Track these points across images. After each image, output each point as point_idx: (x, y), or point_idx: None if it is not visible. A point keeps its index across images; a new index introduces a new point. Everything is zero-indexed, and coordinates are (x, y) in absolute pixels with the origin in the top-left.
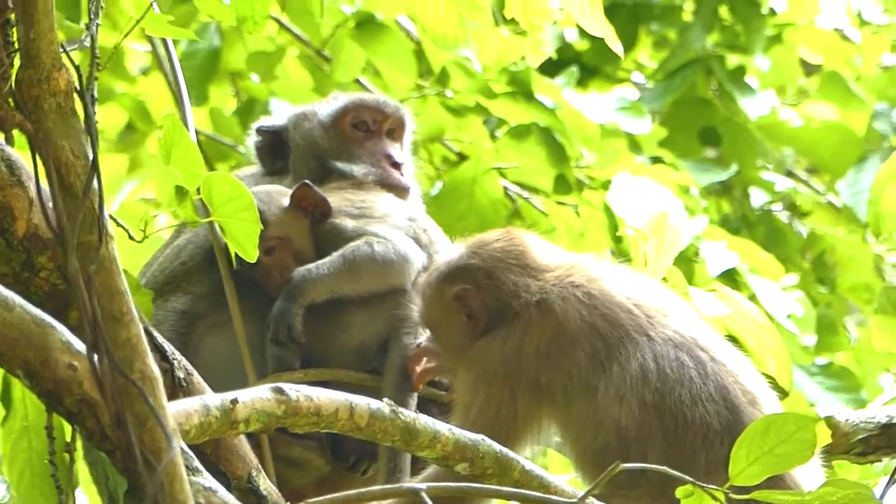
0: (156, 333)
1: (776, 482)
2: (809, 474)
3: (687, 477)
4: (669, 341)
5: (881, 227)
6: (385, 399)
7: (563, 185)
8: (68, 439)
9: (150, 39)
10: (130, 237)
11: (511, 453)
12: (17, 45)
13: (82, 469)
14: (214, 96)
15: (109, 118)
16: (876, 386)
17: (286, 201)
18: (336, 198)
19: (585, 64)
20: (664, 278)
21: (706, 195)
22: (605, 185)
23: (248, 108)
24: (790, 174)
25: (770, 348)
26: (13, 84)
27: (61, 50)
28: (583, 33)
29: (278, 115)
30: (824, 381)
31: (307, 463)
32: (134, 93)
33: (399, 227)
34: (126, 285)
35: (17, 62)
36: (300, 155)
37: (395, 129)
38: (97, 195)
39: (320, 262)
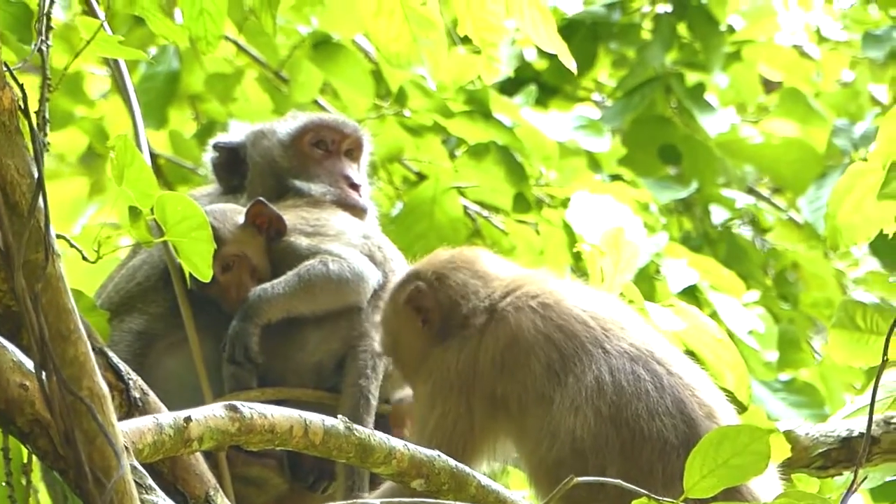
0: (110, 353)
1: (732, 494)
2: (767, 487)
3: (643, 490)
4: (625, 354)
5: (838, 241)
6: (339, 416)
7: (523, 203)
8: (25, 461)
9: (107, 62)
10: (84, 258)
11: (467, 469)
12: None
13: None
14: (174, 119)
15: (69, 142)
16: (840, 401)
17: (241, 219)
18: (291, 215)
19: (545, 83)
20: (621, 294)
21: (667, 213)
22: (565, 203)
23: (208, 131)
24: (751, 191)
25: (728, 362)
26: None
27: (5, 68)
28: (542, 52)
29: (236, 131)
30: (787, 397)
31: (265, 482)
32: (93, 116)
33: (354, 244)
34: (73, 303)
35: None
36: (258, 172)
37: (354, 150)
38: (43, 214)
39: (275, 281)
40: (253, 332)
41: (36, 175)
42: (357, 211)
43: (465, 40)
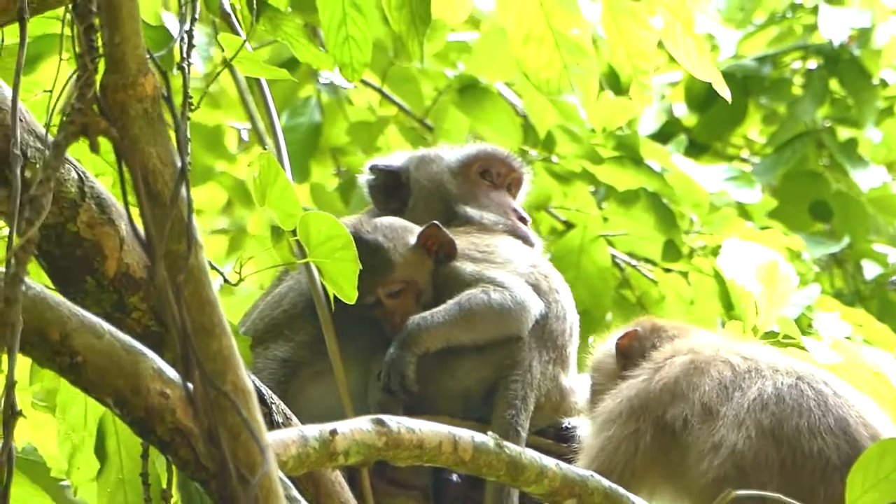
0: (252, 376)
1: None
2: None
3: None
4: (792, 373)
5: None
6: (489, 432)
7: (673, 251)
8: (165, 486)
9: (250, 116)
10: (225, 280)
11: (621, 489)
12: (101, 50)
13: None
14: (316, 172)
15: (210, 197)
16: None
17: (412, 239)
18: (461, 240)
19: (694, 140)
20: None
21: (819, 272)
22: (715, 252)
23: (350, 184)
24: None
25: (885, 398)
26: (97, 90)
27: (147, 55)
28: (692, 108)
29: (393, 157)
30: None
31: None
32: (233, 171)
33: (520, 273)
34: (216, 296)
35: (101, 67)
36: (424, 196)
37: (514, 186)
38: (185, 203)
39: (435, 310)
40: (410, 360)
41: (179, 164)
42: (528, 243)
43: (616, 87)
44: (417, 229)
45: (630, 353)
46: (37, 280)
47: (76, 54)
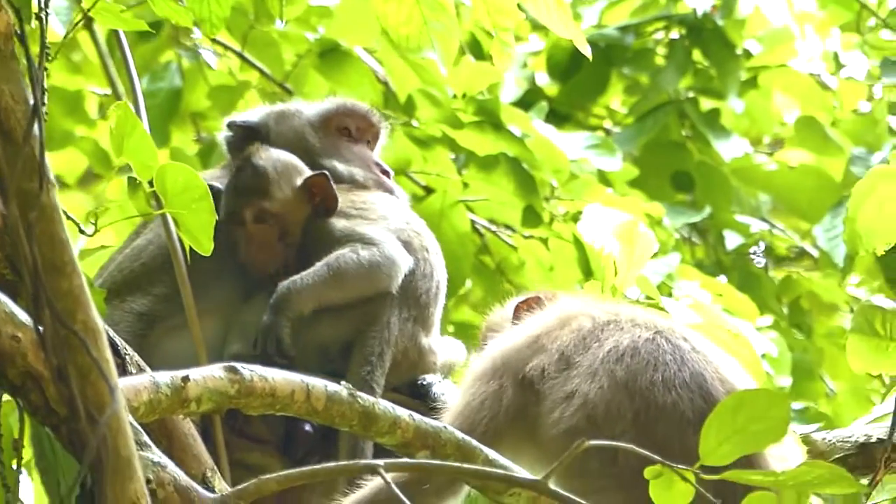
0: (107, 327)
1: (750, 463)
2: (787, 456)
3: (656, 457)
4: (652, 327)
5: (857, 246)
6: (343, 382)
7: (533, 217)
8: (16, 436)
9: (110, 79)
10: (81, 231)
11: (474, 441)
12: None
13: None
14: (176, 137)
15: (69, 163)
16: None
17: (299, 181)
18: (341, 198)
19: (556, 109)
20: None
21: (680, 242)
22: (576, 218)
23: (210, 149)
24: (765, 221)
25: (743, 358)
26: None
27: None
28: (553, 75)
29: (251, 112)
30: (801, 427)
31: (266, 468)
32: (93, 137)
33: (392, 229)
34: (68, 235)
35: None
36: (287, 150)
37: (373, 140)
38: (38, 142)
39: (304, 273)
40: (285, 325)
41: (31, 102)
42: (394, 195)
43: (477, 52)
44: (308, 173)
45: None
46: None
47: None
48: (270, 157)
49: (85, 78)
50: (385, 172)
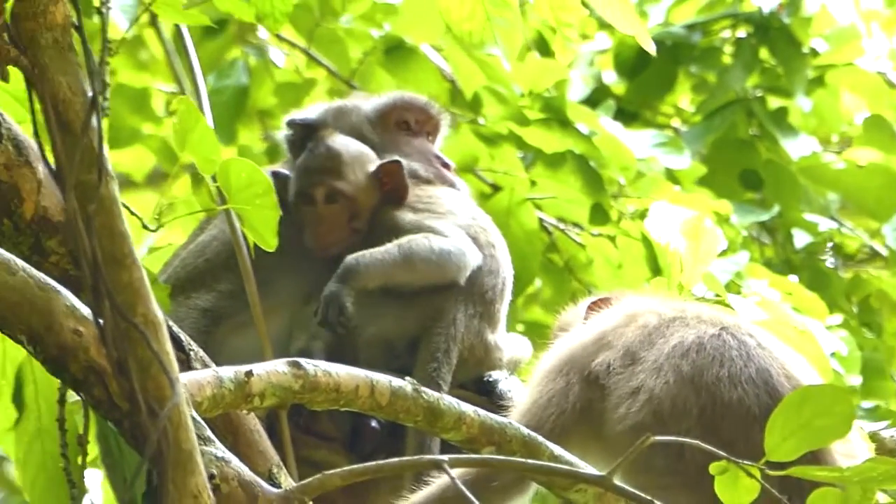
0: (171, 323)
1: (816, 459)
2: (854, 454)
3: (722, 453)
4: (718, 323)
5: None
6: (407, 378)
7: (600, 214)
8: (81, 431)
9: (176, 77)
10: (145, 226)
11: (539, 437)
12: None
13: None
14: (243, 135)
15: (136, 160)
16: None
17: (371, 167)
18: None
19: (624, 108)
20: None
21: (749, 241)
22: (643, 216)
23: (277, 148)
24: (834, 220)
25: (810, 355)
26: (7, 18)
27: None
28: (621, 74)
29: (309, 110)
30: (869, 424)
31: (332, 465)
32: (161, 134)
33: (460, 224)
34: (127, 228)
35: None
36: None
37: (432, 132)
38: (96, 133)
39: (374, 249)
40: (349, 293)
41: (90, 94)
42: (455, 188)
43: (543, 49)
44: (378, 161)
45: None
46: None
47: None
48: (343, 140)
49: (151, 75)
50: (445, 165)
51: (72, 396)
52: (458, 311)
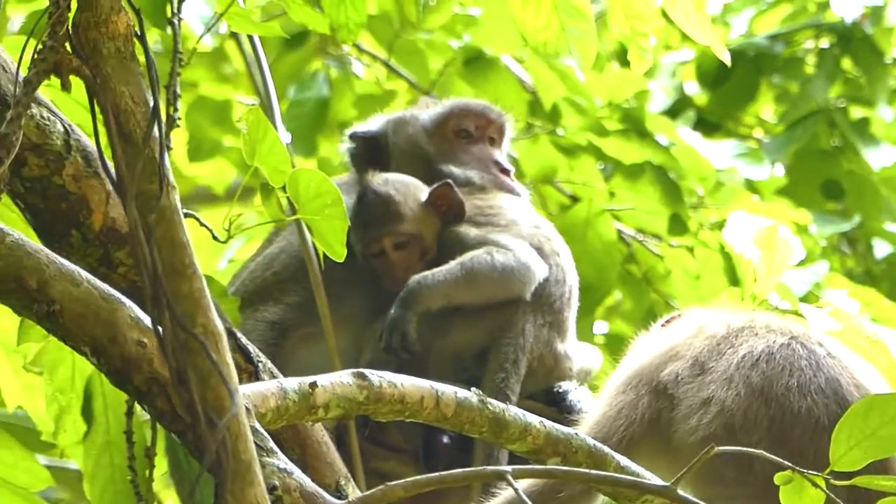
0: (239, 334)
1: (884, 469)
2: None
3: (788, 464)
4: (788, 332)
5: None
6: (473, 389)
7: (679, 225)
8: (149, 443)
9: (256, 88)
10: (214, 237)
11: (606, 448)
12: None
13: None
14: (324, 147)
15: (217, 173)
16: None
17: (423, 196)
18: (466, 203)
19: (706, 119)
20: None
21: (830, 251)
22: (721, 227)
23: None
24: None
25: (883, 365)
26: (69, 28)
27: None
28: (703, 84)
29: (371, 121)
30: None
31: (401, 477)
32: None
33: (523, 235)
34: (188, 238)
35: (73, 5)
36: (404, 160)
37: (496, 136)
38: (157, 143)
39: (437, 269)
40: (411, 319)
41: (151, 103)
42: (514, 195)
43: (623, 60)
44: (427, 188)
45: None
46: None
47: None
48: (388, 180)
49: (233, 88)
50: (504, 171)
51: (141, 410)
52: (527, 321)
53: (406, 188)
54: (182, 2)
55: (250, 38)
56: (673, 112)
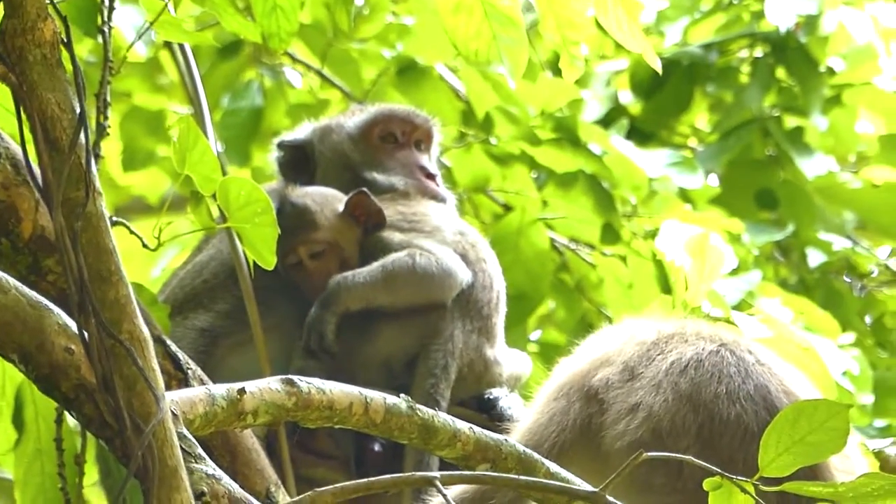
0: (169, 341)
1: (813, 475)
2: (854, 471)
3: (718, 470)
4: (717, 339)
5: None
6: (402, 395)
7: (611, 234)
8: (79, 451)
9: (189, 98)
10: (144, 245)
11: (535, 455)
12: None
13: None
14: (257, 156)
15: (151, 183)
16: None
17: (340, 206)
18: (388, 209)
19: (640, 128)
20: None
21: (763, 259)
22: (654, 235)
23: None
24: (850, 239)
25: (814, 373)
26: None
27: (47, 0)
28: (637, 94)
29: (299, 130)
30: (873, 441)
31: (332, 484)
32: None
33: (448, 241)
34: (114, 244)
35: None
36: (329, 168)
37: (424, 141)
38: (84, 150)
39: (358, 270)
40: (330, 320)
41: (78, 110)
42: (439, 200)
43: (555, 69)
44: (345, 198)
45: None
46: None
47: None
48: (306, 192)
49: (168, 98)
50: (430, 176)
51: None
52: (456, 327)
53: (323, 198)
54: (112, 10)
55: (182, 47)
56: (607, 121)
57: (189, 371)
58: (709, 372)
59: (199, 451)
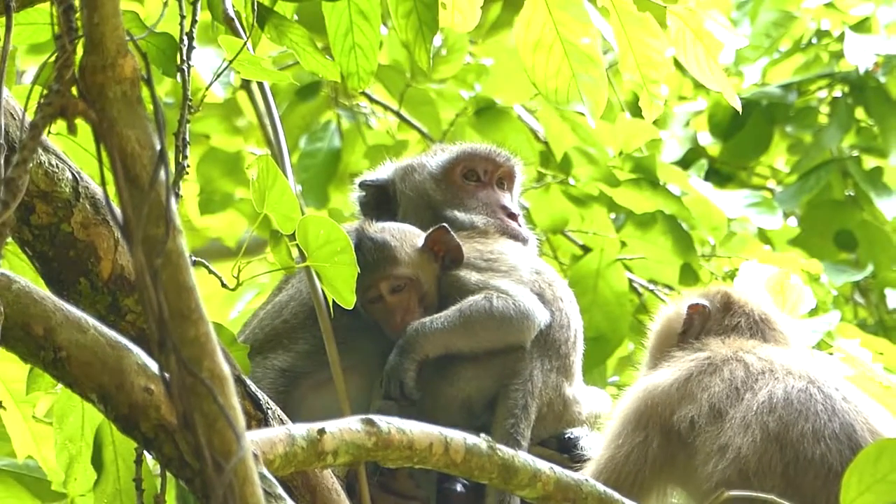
0: (249, 381)
1: None
2: None
3: None
4: (806, 376)
5: None
6: (482, 435)
7: (690, 275)
8: (158, 491)
9: (267, 139)
10: (223, 284)
11: (616, 494)
12: (80, 31)
13: None
14: (335, 198)
15: (229, 225)
16: None
17: (419, 242)
18: (466, 247)
19: (719, 169)
20: None
21: (842, 301)
22: (733, 276)
23: None
24: None
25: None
26: (76, 71)
27: (128, 37)
28: (715, 134)
29: (380, 169)
30: None
31: None
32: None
33: (525, 281)
34: (195, 282)
35: (80, 49)
36: (411, 207)
37: (506, 180)
38: (164, 187)
39: (436, 315)
40: (409, 367)
41: (157, 147)
42: (520, 240)
43: (634, 110)
44: (424, 234)
45: (691, 325)
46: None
47: (55, 36)
48: (383, 227)
49: (245, 140)
50: (511, 216)
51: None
52: (535, 366)
53: (402, 234)
54: (192, 49)
55: (261, 87)
56: (685, 162)
57: (269, 411)
58: (797, 410)
59: (280, 490)
